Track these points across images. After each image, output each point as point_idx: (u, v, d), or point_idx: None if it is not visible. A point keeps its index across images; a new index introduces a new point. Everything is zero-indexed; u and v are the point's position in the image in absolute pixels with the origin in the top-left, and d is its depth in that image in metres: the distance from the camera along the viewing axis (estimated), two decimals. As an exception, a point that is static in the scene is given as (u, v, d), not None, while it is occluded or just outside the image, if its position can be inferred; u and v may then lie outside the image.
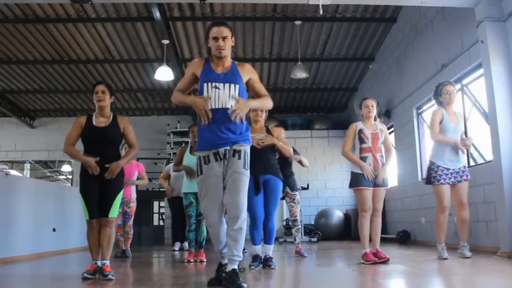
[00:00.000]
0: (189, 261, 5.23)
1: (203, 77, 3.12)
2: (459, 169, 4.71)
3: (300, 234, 5.91)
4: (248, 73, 3.21)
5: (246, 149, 3.08)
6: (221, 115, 3.03)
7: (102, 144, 3.88)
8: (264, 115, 4.60)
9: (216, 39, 3.10)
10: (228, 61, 3.18)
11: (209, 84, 3.08)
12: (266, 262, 4.35)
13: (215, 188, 3.03)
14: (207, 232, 5.38)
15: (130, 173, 6.26)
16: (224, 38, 3.10)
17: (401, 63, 8.64)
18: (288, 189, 5.72)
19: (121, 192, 3.86)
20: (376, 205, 4.49)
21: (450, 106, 4.85)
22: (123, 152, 6.31)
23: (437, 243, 4.75)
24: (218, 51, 3.10)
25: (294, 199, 5.76)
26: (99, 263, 3.76)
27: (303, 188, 7.41)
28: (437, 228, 4.76)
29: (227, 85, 3.07)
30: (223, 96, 3.05)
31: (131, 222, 6.55)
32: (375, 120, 4.68)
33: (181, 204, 6.68)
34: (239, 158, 3.02)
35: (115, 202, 3.78)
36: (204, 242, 5.38)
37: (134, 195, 6.52)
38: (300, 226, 5.92)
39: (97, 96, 4.04)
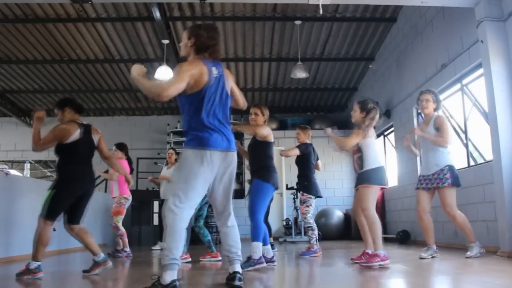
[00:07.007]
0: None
1: None
2: (432, 175, 4.80)
3: (307, 233, 5.95)
4: None
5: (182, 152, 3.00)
6: None
7: None
8: (260, 119, 4.69)
9: None
10: None
11: None
12: (244, 262, 4.09)
13: None
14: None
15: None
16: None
17: (401, 63, 8.64)
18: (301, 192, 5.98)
19: (48, 192, 3.92)
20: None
21: (426, 113, 5.01)
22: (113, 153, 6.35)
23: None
24: None
25: (300, 199, 5.97)
26: None
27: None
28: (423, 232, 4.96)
29: None
30: None
31: (112, 223, 6.45)
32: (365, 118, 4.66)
33: None
34: None
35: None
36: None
37: (116, 193, 6.43)
38: (308, 225, 5.93)
39: None
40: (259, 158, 4.64)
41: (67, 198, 3.94)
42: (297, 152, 5.94)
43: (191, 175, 2.85)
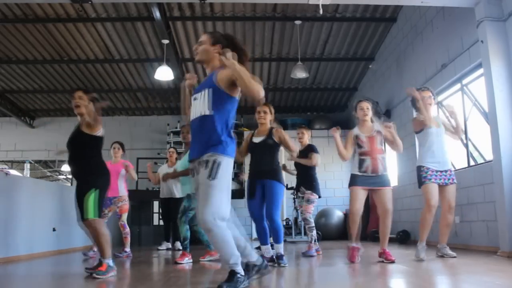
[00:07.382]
0: (179, 263, 5.10)
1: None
2: (445, 172, 4.77)
3: (311, 233, 5.90)
4: (226, 73, 2.93)
5: (216, 159, 2.84)
6: (195, 125, 2.99)
7: None
8: (268, 117, 4.73)
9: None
10: (210, 69, 3.07)
11: (192, 98, 3.10)
12: (277, 260, 4.48)
13: None
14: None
15: (117, 170, 6.36)
16: (200, 43, 3.08)
17: (401, 63, 8.64)
18: (303, 189, 5.94)
19: (91, 194, 3.84)
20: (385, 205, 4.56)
21: (429, 109, 4.93)
22: (111, 152, 6.47)
23: (418, 242, 4.74)
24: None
25: (307, 198, 5.88)
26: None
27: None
28: (421, 227, 4.76)
29: (201, 92, 2.98)
30: (198, 105, 2.98)
31: (121, 221, 6.54)
32: (373, 121, 4.71)
33: (173, 205, 6.87)
34: (206, 167, 2.85)
35: (85, 203, 3.84)
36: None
37: (123, 192, 6.45)
38: (311, 225, 5.89)
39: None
40: (271, 159, 4.66)
41: (106, 192, 4.06)
42: (318, 157, 5.91)
43: (229, 185, 2.89)
